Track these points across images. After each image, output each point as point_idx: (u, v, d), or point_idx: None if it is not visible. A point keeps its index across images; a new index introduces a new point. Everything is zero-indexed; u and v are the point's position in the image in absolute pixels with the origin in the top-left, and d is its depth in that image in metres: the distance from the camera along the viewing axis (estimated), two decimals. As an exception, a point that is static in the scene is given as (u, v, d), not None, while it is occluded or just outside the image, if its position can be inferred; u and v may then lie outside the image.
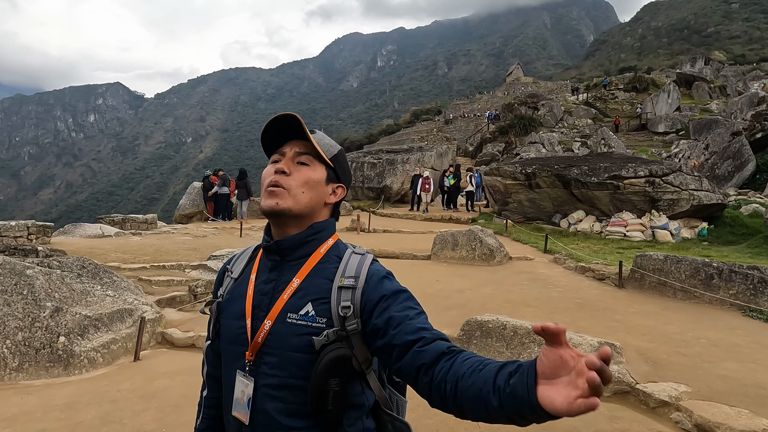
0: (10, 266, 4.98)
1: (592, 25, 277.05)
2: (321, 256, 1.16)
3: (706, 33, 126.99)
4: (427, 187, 18.89)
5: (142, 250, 8.69)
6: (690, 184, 11.95)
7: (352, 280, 1.10)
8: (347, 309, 1.07)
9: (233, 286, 1.22)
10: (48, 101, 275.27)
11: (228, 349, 1.17)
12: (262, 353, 1.10)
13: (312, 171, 1.17)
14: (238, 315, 1.16)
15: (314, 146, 1.17)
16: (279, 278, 1.15)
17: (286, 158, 1.17)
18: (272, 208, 1.13)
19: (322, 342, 1.05)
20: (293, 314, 1.09)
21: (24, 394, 3.92)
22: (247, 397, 1.10)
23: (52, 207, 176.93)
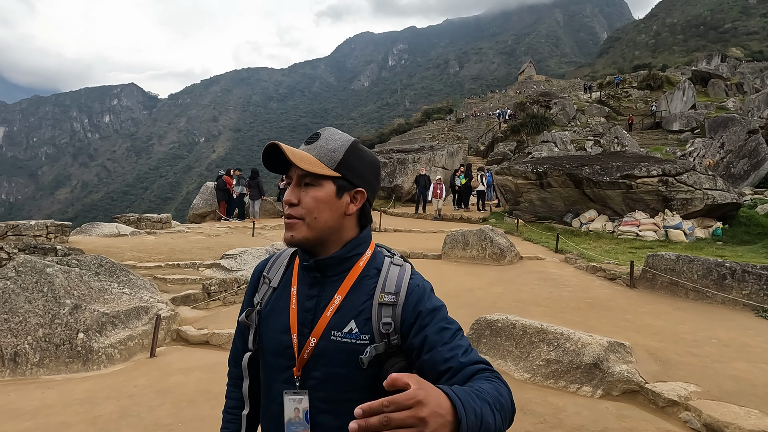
0: (31, 264, 5.13)
1: (605, 22, 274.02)
2: (360, 270, 1.15)
3: (722, 29, 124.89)
4: (439, 193, 17.26)
5: (157, 249, 8.85)
6: (704, 183, 11.83)
7: (392, 297, 1.10)
8: (388, 326, 1.08)
9: (274, 296, 1.20)
10: (64, 102, 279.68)
11: (271, 362, 1.16)
12: (308, 368, 1.10)
13: (318, 190, 1.10)
14: (282, 329, 1.14)
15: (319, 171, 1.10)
16: (320, 294, 1.13)
17: (293, 185, 1.12)
18: (289, 241, 1.13)
19: (369, 359, 1.06)
20: (337, 332, 1.09)
21: (45, 388, 4.05)
22: (304, 411, 1.09)
23: (69, 206, 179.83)
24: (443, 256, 9.81)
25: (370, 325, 1.09)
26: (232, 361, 1.34)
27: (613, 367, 3.93)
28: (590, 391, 3.85)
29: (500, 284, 7.38)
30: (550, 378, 4.09)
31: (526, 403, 3.58)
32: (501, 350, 4.56)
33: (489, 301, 6.30)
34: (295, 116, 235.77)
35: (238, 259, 7.92)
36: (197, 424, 3.29)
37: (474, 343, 4.75)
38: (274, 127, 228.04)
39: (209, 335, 5.35)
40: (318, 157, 1.10)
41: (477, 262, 9.33)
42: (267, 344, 1.17)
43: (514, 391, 3.59)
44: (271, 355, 1.16)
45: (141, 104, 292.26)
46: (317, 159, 1.10)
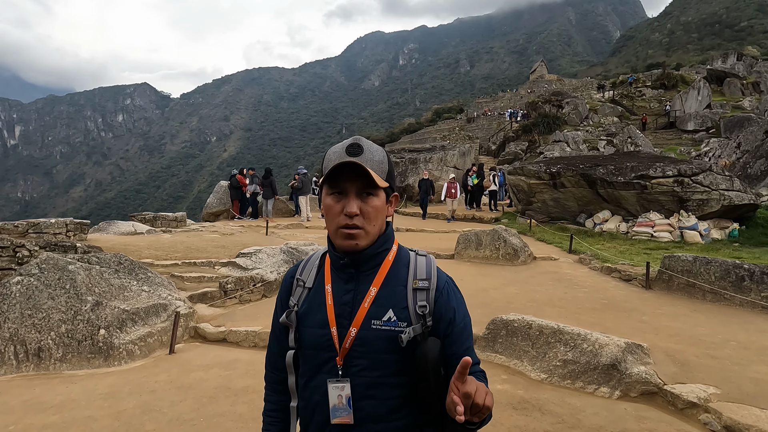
0: (54, 262, 5.23)
1: (618, 20, 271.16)
2: (390, 264, 1.27)
3: (738, 27, 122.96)
4: (453, 192, 16.41)
5: (173, 247, 8.96)
6: (720, 184, 11.69)
7: (425, 282, 1.25)
8: (424, 308, 1.23)
9: (309, 296, 1.29)
10: (79, 101, 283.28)
11: (312, 356, 1.25)
12: (350, 357, 1.21)
13: (376, 200, 1.21)
14: (321, 324, 1.24)
15: (377, 182, 1.19)
16: (356, 288, 1.24)
17: (352, 197, 1.19)
18: (352, 248, 1.21)
19: (407, 338, 1.19)
20: (377, 321, 1.21)
21: (68, 383, 4.13)
22: (347, 397, 1.20)
23: (83, 204, 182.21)
24: (456, 256, 9.81)
25: (407, 312, 1.22)
26: (269, 365, 1.42)
27: (630, 368, 3.92)
28: (608, 392, 3.85)
29: (514, 284, 7.37)
30: (567, 378, 4.08)
31: (544, 403, 3.59)
32: (517, 350, 4.56)
33: (503, 301, 6.30)
34: (306, 115, 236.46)
35: (253, 257, 7.99)
36: (218, 419, 3.35)
37: (490, 343, 4.77)
38: (285, 126, 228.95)
39: (227, 333, 5.41)
40: (374, 170, 1.20)
41: (490, 262, 9.32)
42: (307, 340, 1.26)
43: (531, 391, 3.64)
44: (311, 350, 1.25)
45: (153, 103, 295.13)
46: (375, 172, 1.19)
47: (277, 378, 1.38)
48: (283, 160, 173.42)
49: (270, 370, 1.41)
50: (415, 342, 1.20)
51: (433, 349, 1.17)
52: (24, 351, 4.55)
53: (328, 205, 1.23)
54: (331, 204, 1.22)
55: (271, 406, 1.39)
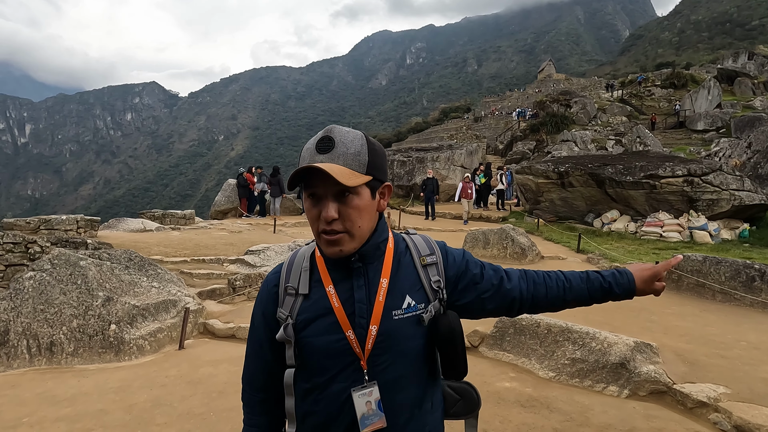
0: (66, 257, 5.30)
1: (627, 19, 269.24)
2: (392, 252, 1.21)
3: (750, 26, 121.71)
4: (470, 193, 15.76)
5: (182, 245, 9.03)
6: (731, 184, 11.59)
7: (432, 257, 1.23)
8: (438, 282, 1.21)
9: (307, 303, 1.16)
10: (88, 100, 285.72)
11: (325, 367, 1.14)
12: (373, 356, 1.13)
13: (358, 199, 1.09)
14: (331, 330, 1.13)
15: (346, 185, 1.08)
16: (368, 282, 1.15)
17: (328, 201, 1.08)
18: (338, 255, 1.12)
19: (430, 317, 1.18)
20: (397, 311, 1.15)
21: (80, 377, 4.18)
22: (376, 402, 1.12)
23: (92, 202, 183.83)
24: (463, 254, 9.80)
25: (423, 291, 1.18)
26: (248, 386, 1.27)
27: (639, 367, 3.91)
28: (617, 390, 3.84)
29: (522, 283, 7.35)
30: (575, 377, 4.08)
31: (552, 401, 3.58)
32: (525, 348, 4.56)
33: (511, 299, 6.29)
34: (313, 114, 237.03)
35: (261, 255, 8.04)
36: (228, 414, 3.38)
37: (498, 341, 4.77)
38: (293, 125, 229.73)
39: (235, 329, 5.45)
40: (348, 166, 1.08)
41: (498, 261, 9.30)
42: (318, 350, 1.13)
43: (539, 389, 3.64)
44: (326, 360, 1.13)
45: (162, 102, 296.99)
46: (349, 168, 1.08)
47: (260, 399, 1.25)
48: (290, 158, 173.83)
49: (250, 391, 1.26)
50: (437, 318, 1.18)
51: (456, 321, 1.19)
52: (36, 345, 4.62)
53: (306, 208, 1.13)
54: (308, 208, 1.12)
55: (255, 430, 1.26)
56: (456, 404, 1.30)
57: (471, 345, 4.90)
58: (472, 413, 1.32)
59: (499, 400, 3.59)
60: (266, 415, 1.25)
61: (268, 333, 1.20)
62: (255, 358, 1.25)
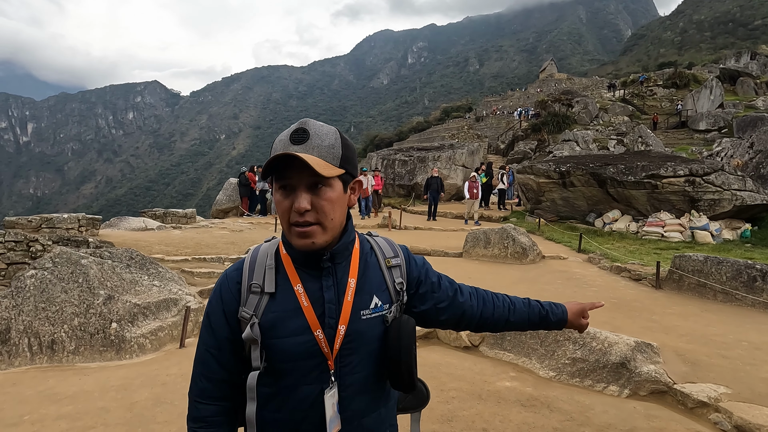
0: (67, 256, 5.30)
1: (630, 19, 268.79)
2: (359, 252, 1.21)
3: (752, 26, 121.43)
4: (476, 192, 15.31)
5: (183, 243, 9.04)
6: (733, 184, 11.57)
7: (396, 259, 1.26)
8: (401, 284, 1.24)
9: (273, 303, 1.12)
10: (90, 99, 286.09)
11: (292, 369, 1.11)
12: (341, 356, 1.12)
13: (331, 191, 1.08)
14: (299, 330, 1.10)
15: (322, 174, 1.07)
16: (336, 282, 1.14)
17: (301, 192, 1.06)
18: (309, 248, 1.09)
19: (392, 317, 1.20)
20: (365, 311, 1.15)
21: (81, 375, 4.19)
22: (335, 405, 1.10)
23: (93, 201, 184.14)
24: (464, 254, 9.80)
25: (387, 293, 1.20)
26: (200, 398, 1.16)
27: (640, 366, 3.90)
28: (617, 390, 3.84)
29: (523, 283, 7.36)
30: (575, 376, 4.08)
31: (553, 400, 3.58)
32: (525, 348, 4.56)
33: (512, 299, 6.29)
34: (315, 114, 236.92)
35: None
36: (229, 412, 3.38)
37: (498, 341, 4.77)
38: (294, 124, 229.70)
39: (236, 328, 5.45)
40: (322, 158, 1.07)
41: (498, 260, 9.30)
42: (283, 350, 1.10)
43: (539, 389, 3.64)
44: (291, 361, 1.10)
45: (164, 101, 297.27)
46: (323, 160, 1.07)
47: (216, 410, 1.15)
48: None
49: (204, 403, 1.15)
50: (392, 323, 1.18)
51: (409, 326, 1.19)
52: (38, 343, 4.63)
53: (277, 200, 1.10)
54: (279, 200, 1.09)
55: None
56: (406, 399, 1.36)
57: (471, 344, 4.90)
58: (421, 407, 1.38)
59: (500, 399, 3.59)
60: (222, 427, 1.15)
61: (229, 333, 1.14)
62: (212, 362, 1.15)
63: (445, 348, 4.91)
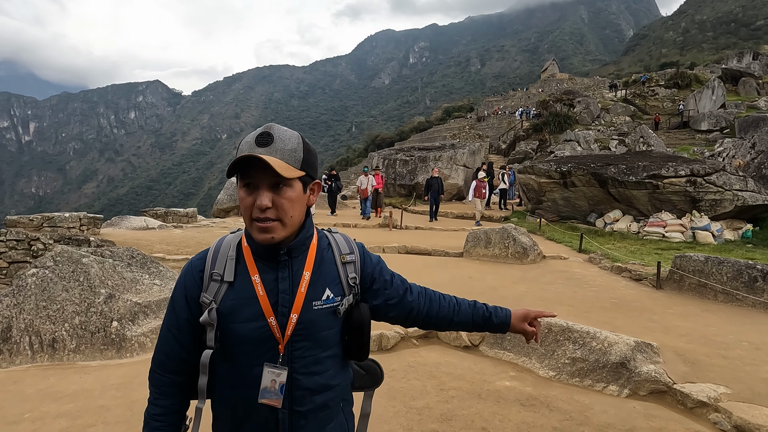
0: (68, 255, 5.32)
1: (632, 19, 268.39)
2: (316, 247, 1.31)
3: (755, 26, 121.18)
4: (484, 192, 15.11)
5: (184, 242, 9.05)
6: (734, 185, 11.56)
7: (351, 255, 1.35)
8: (354, 278, 1.34)
9: (232, 291, 1.22)
10: (92, 99, 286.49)
11: (246, 351, 1.22)
12: (293, 341, 1.22)
13: (291, 191, 1.18)
14: (255, 316, 1.20)
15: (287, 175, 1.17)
16: (291, 274, 1.24)
17: (263, 190, 1.16)
18: (269, 242, 1.19)
19: (344, 309, 1.30)
20: (317, 302, 1.25)
21: (82, 373, 4.20)
22: (280, 384, 1.20)
23: (95, 200, 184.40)
24: (465, 254, 9.80)
25: (340, 286, 1.30)
26: (159, 369, 1.31)
27: (640, 366, 3.90)
28: (617, 390, 3.84)
29: (524, 283, 7.35)
30: (575, 376, 4.08)
31: (552, 400, 3.58)
32: (525, 347, 4.56)
33: (512, 299, 6.29)
34: (316, 113, 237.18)
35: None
36: (229, 411, 3.39)
37: (498, 340, 4.77)
38: (295, 124, 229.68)
39: (236, 327, 5.46)
40: (284, 160, 1.16)
41: (499, 260, 9.30)
42: (239, 335, 1.21)
43: (539, 388, 3.65)
44: (245, 344, 1.21)
45: (165, 101, 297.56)
46: (285, 162, 1.16)
47: (169, 381, 1.29)
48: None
49: (161, 373, 1.30)
50: (351, 310, 1.31)
51: (367, 312, 1.34)
52: (39, 342, 4.64)
53: (240, 197, 1.20)
54: (243, 196, 1.19)
55: (160, 410, 1.28)
56: (362, 378, 1.47)
57: (471, 344, 4.91)
58: (375, 386, 1.49)
59: (499, 398, 3.59)
60: (173, 397, 1.30)
61: (189, 316, 1.26)
62: (171, 341, 1.29)
63: (445, 347, 4.91)
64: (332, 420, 1.31)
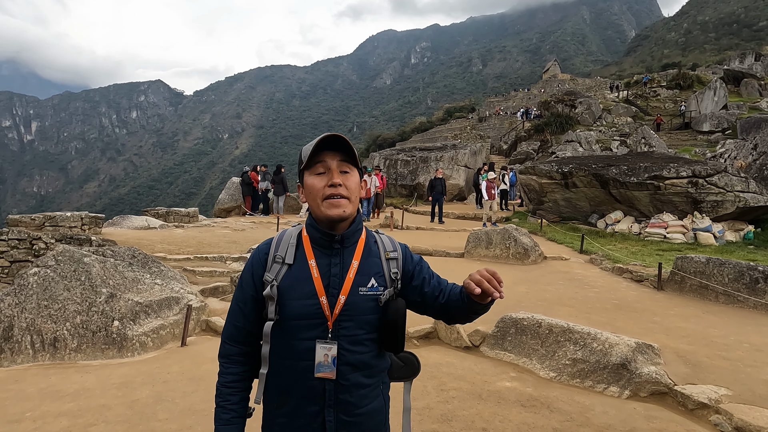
0: (70, 254, 5.33)
1: (634, 19, 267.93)
2: (364, 240, 1.49)
3: (757, 27, 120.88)
4: (493, 193, 14.57)
5: (185, 242, 9.06)
6: (736, 186, 11.54)
7: (394, 253, 1.53)
8: (396, 273, 1.50)
9: (290, 271, 1.42)
10: (94, 98, 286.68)
11: (298, 324, 1.39)
12: (339, 320, 1.39)
13: (354, 177, 1.43)
14: (309, 295, 1.39)
15: (355, 157, 1.43)
16: (342, 261, 1.43)
17: (334, 171, 1.40)
18: (340, 216, 1.39)
19: (385, 299, 1.45)
20: (363, 288, 1.42)
21: (83, 372, 4.21)
22: (332, 357, 1.38)
23: (97, 200, 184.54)
24: (466, 254, 9.80)
25: (383, 278, 1.47)
26: (229, 340, 1.49)
27: (641, 368, 3.90)
28: (617, 391, 3.83)
29: (524, 284, 7.35)
30: (576, 377, 4.08)
31: (553, 401, 3.58)
32: (526, 348, 4.56)
33: (513, 300, 6.29)
34: (318, 113, 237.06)
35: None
36: (229, 410, 3.39)
37: (499, 341, 4.77)
38: (297, 124, 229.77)
39: (237, 326, 5.46)
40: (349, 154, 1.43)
41: (500, 261, 9.29)
42: (294, 310, 1.39)
43: (539, 389, 3.65)
44: (298, 319, 1.39)
45: (167, 101, 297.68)
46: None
47: (238, 351, 1.47)
48: (294, 157, 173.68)
49: (230, 344, 1.48)
50: (389, 302, 1.46)
51: (403, 308, 1.47)
52: (40, 341, 4.65)
53: (311, 184, 1.41)
54: (314, 183, 1.40)
55: (231, 378, 1.45)
56: (400, 369, 1.58)
57: (472, 344, 4.91)
58: (412, 377, 1.61)
59: (500, 399, 3.59)
60: (241, 365, 1.47)
61: (254, 292, 1.45)
62: (239, 314, 1.47)
63: (445, 348, 4.91)
64: (371, 397, 1.45)
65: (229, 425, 1.44)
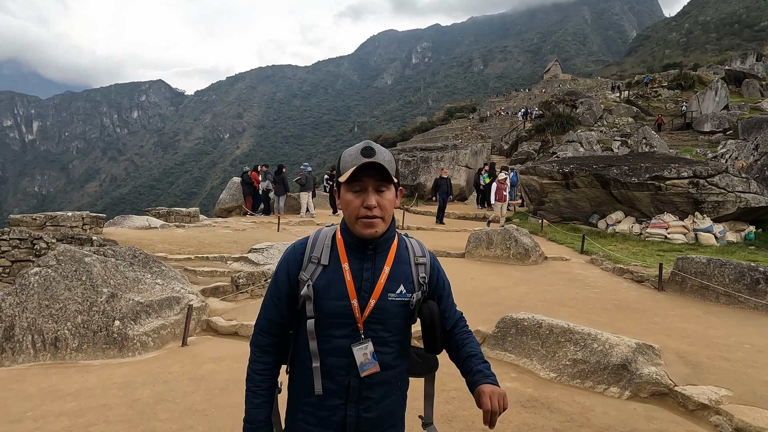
0: (71, 254, 5.34)
1: (635, 20, 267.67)
2: (396, 246, 1.55)
3: (758, 27, 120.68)
4: (505, 195, 13.89)
5: (186, 242, 9.06)
6: (737, 186, 11.53)
7: (423, 258, 1.59)
8: (424, 278, 1.56)
9: (325, 273, 1.48)
10: (95, 98, 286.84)
11: (329, 323, 1.45)
12: (368, 323, 1.46)
13: (390, 194, 1.46)
14: (341, 296, 1.45)
15: (391, 178, 1.43)
16: (374, 267, 1.49)
17: (370, 192, 1.42)
18: (372, 235, 1.44)
19: (413, 303, 1.52)
20: (392, 294, 1.48)
21: (84, 372, 4.22)
22: (371, 353, 1.46)
23: (98, 199, 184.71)
24: (467, 254, 9.80)
25: (412, 283, 1.53)
26: (262, 332, 1.56)
27: (641, 368, 3.90)
28: (618, 392, 3.83)
29: (525, 284, 7.35)
30: (576, 378, 4.07)
31: (553, 401, 3.58)
32: (526, 349, 4.56)
33: (514, 300, 6.29)
34: (318, 113, 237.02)
35: (265, 253, 8.06)
36: (230, 410, 3.40)
37: (499, 341, 4.77)
38: (298, 124, 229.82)
39: (238, 326, 5.48)
40: (389, 169, 1.43)
41: (501, 261, 9.29)
42: (326, 310, 1.45)
43: (540, 390, 3.66)
44: (330, 318, 1.45)
45: (168, 100, 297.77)
46: (387, 168, 1.41)
47: (270, 342, 1.54)
48: (295, 157, 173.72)
49: (263, 335, 1.55)
50: (418, 305, 1.53)
51: (435, 308, 1.55)
52: (41, 340, 4.66)
53: (348, 200, 1.43)
54: (351, 199, 1.43)
55: (262, 366, 1.53)
56: (418, 365, 1.66)
57: (473, 345, 4.90)
58: (431, 372, 1.70)
59: (500, 400, 3.59)
60: (272, 355, 1.55)
61: (289, 289, 1.51)
62: (272, 309, 1.54)
63: (446, 348, 4.91)
64: (392, 395, 1.53)
65: (260, 409, 1.52)
